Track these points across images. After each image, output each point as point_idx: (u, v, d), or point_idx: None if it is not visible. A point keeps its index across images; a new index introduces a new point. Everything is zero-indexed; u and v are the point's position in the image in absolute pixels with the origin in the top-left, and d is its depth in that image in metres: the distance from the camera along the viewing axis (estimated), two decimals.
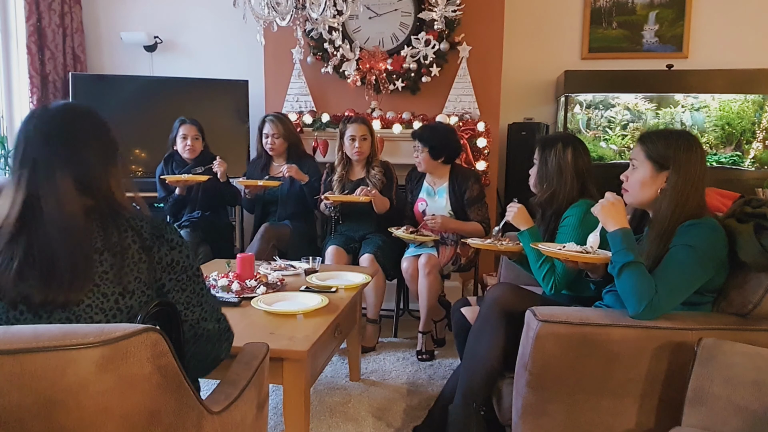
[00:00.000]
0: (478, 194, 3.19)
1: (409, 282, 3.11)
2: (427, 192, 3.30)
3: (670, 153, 1.70)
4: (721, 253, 1.61)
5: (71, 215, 1.07)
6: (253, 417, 1.36)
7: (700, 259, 1.58)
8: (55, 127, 1.13)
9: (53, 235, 1.05)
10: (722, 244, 1.61)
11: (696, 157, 1.69)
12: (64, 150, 1.11)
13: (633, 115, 4.37)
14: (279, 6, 2.56)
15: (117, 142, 1.21)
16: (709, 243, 1.59)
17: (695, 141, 1.73)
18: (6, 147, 3.90)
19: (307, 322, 1.93)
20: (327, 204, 3.27)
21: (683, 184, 1.67)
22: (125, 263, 1.09)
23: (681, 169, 1.67)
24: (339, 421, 2.29)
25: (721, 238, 1.61)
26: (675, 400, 1.49)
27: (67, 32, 4.34)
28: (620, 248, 1.63)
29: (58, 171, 1.09)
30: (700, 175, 1.68)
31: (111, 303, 1.09)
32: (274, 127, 3.45)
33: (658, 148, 1.73)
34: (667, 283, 1.57)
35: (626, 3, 4.40)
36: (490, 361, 1.85)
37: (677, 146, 1.70)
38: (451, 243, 3.15)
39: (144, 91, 4.12)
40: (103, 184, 1.14)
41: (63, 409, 0.90)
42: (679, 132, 1.79)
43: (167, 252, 1.15)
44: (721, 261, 1.61)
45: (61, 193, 1.08)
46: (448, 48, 3.83)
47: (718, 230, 1.61)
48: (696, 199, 1.67)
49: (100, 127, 1.19)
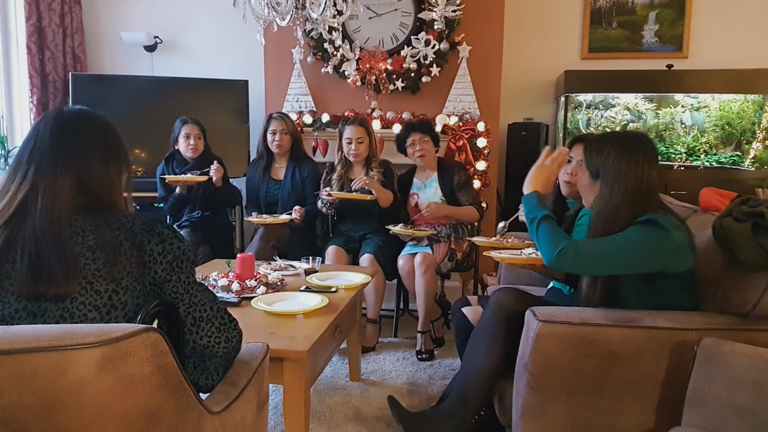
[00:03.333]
0: (466, 179, 3.32)
1: (405, 280, 3.12)
2: (417, 186, 3.38)
3: (601, 163, 1.70)
4: (665, 253, 1.59)
5: (61, 210, 1.11)
6: (253, 417, 1.36)
7: (639, 245, 1.57)
8: (66, 128, 1.18)
9: (41, 226, 1.09)
10: (669, 246, 1.58)
11: (629, 167, 1.65)
12: (71, 151, 1.16)
13: (633, 115, 4.37)
14: (279, 6, 2.56)
15: (126, 152, 1.26)
16: (654, 238, 1.57)
17: (631, 148, 1.67)
18: (6, 147, 3.90)
19: (307, 322, 1.93)
20: (324, 201, 3.28)
21: (611, 196, 1.66)
22: (117, 260, 1.11)
23: (609, 181, 1.67)
24: (339, 421, 2.29)
25: (670, 239, 1.58)
26: (675, 400, 1.49)
27: (67, 32, 4.34)
28: (534, 206, 1.72)
29: (61, 170, 1.14)
30: (635, 185, 1.64)
31: (105, 299, 1.09)
32: (281, 124, 3.45)
33: (592, 158, 1.73)
34: (591, 244, 1.62)
35: (626, 3, 4.40)
36: (488, 365, 1.84)
37: (608, 156, 1.68)
38: (444, 239, 3.16)
39: (144, 91, 4.12)
40: (103, 189, 1.18)
41: (63, 409, 0.90)
42: (615, 138, 1.74)
43: (157, 243, 1.16)
44: (664, 259, 1.60)
45: (58, 190, 1.12)
46: (448, 48, 3.83)
47: (670, 230, 1.58)
48: (629, 209, 1.63)
49: (110, 135, 1.23)
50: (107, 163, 1.20)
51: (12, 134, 4.09)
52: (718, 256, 1.67)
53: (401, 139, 3.34)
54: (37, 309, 1.07)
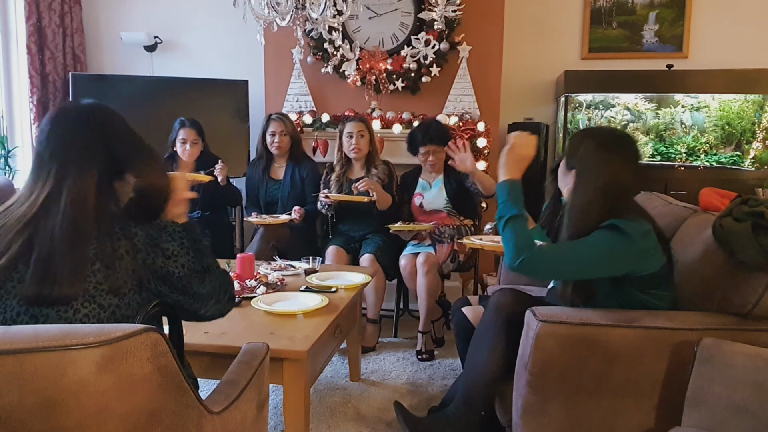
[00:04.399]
0: None
1: (407, 280, 3.11)
2: (422, 186, 3.36)
3: (576, 156, 1.69)
4: (628, 260, 1.59)
5: (86, 215, 1.08)
6: (253, 417, 1.36)
7: (602, 250, 1.57)
8: (88, 125, 1.14)
9: (59, 230, 1.05)
10: (632, 254, 1.58)
11: (603, 163, 1.63)
12: (95, 146, 1.12)
13: (633, 115, 4.37)
14: (279, 6, 2.56)
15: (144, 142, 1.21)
16: (617, 243, 1.57)
17: (608, 145, 1.66)
18: (6, 147, 3.90)
19: (307, 322, 1.93)
20: (323, 202, 3.28)
21: (583, 190, 1.65)
22: (119, 274, 1.08)
23: (583, 175, 1.66)
24: (339, 421, 2.29)
25: (634, 246, 1.57)
26: (675, 400, 1.49)
27: (67, 32, 4.34)
28: (506, 200, 1.68)
29: (86, 170, 1.10)
30: (606, 181, 1.62)
31: (108, 314, 1.08)
32: (281, 125, 3.45)
33: (570, 149, 1.73)
34: (552, 251, 1.62)
35: (626, 3, 4.40)
36: (491, 367, 1.84)
37: (584, 149, 1.67)
38: (447, 240, 3.16)
39: (144, 91, 4.11)
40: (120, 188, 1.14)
41: (63, 409, 0.90)
42: (594, 133, 1.74)
43: (162, 263, 1.13)
44: (628, 264, 1.60)
45: (83, 192, 1.08)
46: (448, 48, 3.83)
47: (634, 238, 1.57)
48: (600, 207, 1.61)
49: (127, 128, 1.20)
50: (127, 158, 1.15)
51: (12, 134, 4.08)
52: (718, 256, 1.67)
53: (415, 143, 3.26)
54: (39, 314, 1.06)
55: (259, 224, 3.28)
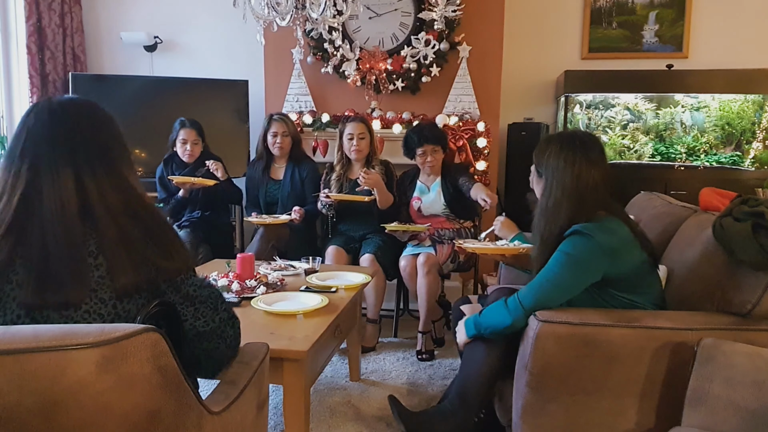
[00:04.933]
0: (465, 174, 3.32)
1: (407, 281, 3.11)
2: (420, 190, 3.35)
3: (543, 161, 1.73)
4: (598, 260, 1.61)
5: (72, 214, 1.05)
6: (253, 417, 1.36)
7: (572, 265, 1.61)
8: (60, 121, 1.10)
9: (51, 233, 1.03)
10: (599, 253, 1.60)
11: (566, 165, 1.66)
12: (68, 146, 1.08)
13: (633, 115, 4.37)
14: (279, 6, 2.56)
15: (123, 139, 1.18)
16: (584, 250, 1.60)
17: (570, 147, 1.68)
18: (6, 147, 3.90)
19: (307, 322, 1.93)
20: (324, 202, 3.28)
21: (550, 194, 1.68)
22: (121, 267, 1.06)
23: (549, 179, 1.69)
24: (339, 421, 2.29)
25: (598, 245, 1.59)
26: (675, 400, 1.49)
27: (67, 32, 4.34)
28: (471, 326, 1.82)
29: (61, 167, 1.06)
30: (572, 184, 1.65)
31: (109, 308, 1.06)
32: (282, 126, 3.45)
33: (537, 155, 1.76)
34: (534, 286, 1.65)
35: (626, 3, 4.40)
36: (488, 364, 1.84)
37: (549, 154, 1.70)
38: (447, 241, 3.16)
39: (144, 91, 4.12)
40: (101, 185, 1.10)
41: (63, 409, 0.89)
42: (558, 138, 1.76)
43: (161, 256, 1.12)
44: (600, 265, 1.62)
45: (63, 191, 1.05)
46: (448, 48, 3.83)
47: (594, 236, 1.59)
48: (568, 208, 1.65)
49: (106, 123, 1.16)
50: (106, 153, 1.12)
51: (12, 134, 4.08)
52: (718, 256, 1.67)
53: (411, 146, 3.26)
54: (40, 317, 1.04)
55: (259, 224, 3.28)
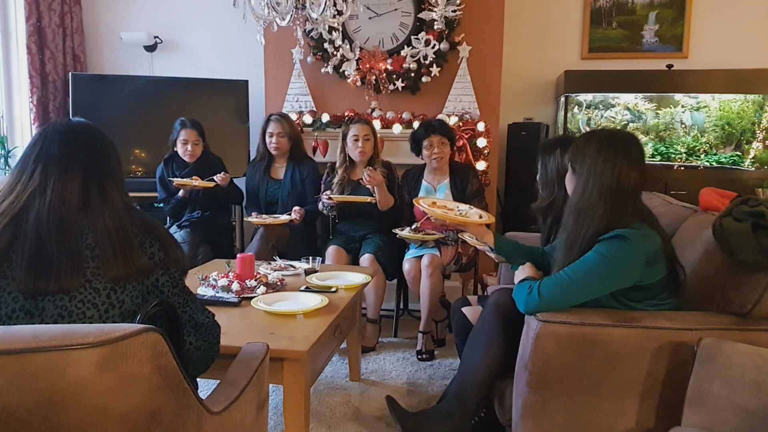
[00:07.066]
0: (478, 188, 3.24)
1: (410, 284, 3.10)
2: (427, 191, 3.30)
3: (579, 159, 1.67)
4: (635, 268, 1.57)
5: (71, 207, 1.13)
6: (253, 417, 1.36)
7: (607, 268, 1.55)
8: (75, 134, 1.21)
9: (46, 220, 1.10)
10: (638, 260, 1.56)
11: (605, 165, 1.60)
12: (79, 154, 1.19)
13: (633, 115, 4.37)
14: (279, 6, 2.56)
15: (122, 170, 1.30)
16: (624, 256, 1.55)
17: (612, 147, 1.62)
18: (6, 147, 3.90)
19: (307, 322, 1.93)
20: (325, 203, 3.27)
21: (584, 193, 1.62)
22: (116, 259, 1.12)
23: (584, 177, 1.63)
24: (339, 421, 2.29)
25: (638, 252, 1.55)
26: (675, 400, 1.49)
27: (67, 32, 4.34)
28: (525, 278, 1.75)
29: (71, 171, 1.16)
30: (610, 184, 1.59)
31: (103, 298, 1.11)
32: (279, 126, 3.45)
33: (574, 152, 1.70)
34: (557, 281, 1.59)
35: (626, 3, 4.40)
36: (486, 365, 1.84)
37: (587, 152, 1.64)
38: (452, 243, 3.15)
39: (144, 91, 4.12)
40: (106, 190, 1.20)
41: (63, 409, 0.90)
42: (599, 135, 1.70)
43: (158, 249, 1.19)
44: (636, 273, 1.58)
45: (67, 187, 1.14)
46: (448, 48, 3.83)
47: (636, 243, 1.55)
48: (605, 210, 1.59)
49: (113, 147, 1.28)
50: (109, 169, 1.23)
51: (12, 134, 4.08)
52: (718, 256, 1.67)
53: (418, 138, 3.22)
54: (35, 308, 1.08)
55: (259, 224, 3.28)
